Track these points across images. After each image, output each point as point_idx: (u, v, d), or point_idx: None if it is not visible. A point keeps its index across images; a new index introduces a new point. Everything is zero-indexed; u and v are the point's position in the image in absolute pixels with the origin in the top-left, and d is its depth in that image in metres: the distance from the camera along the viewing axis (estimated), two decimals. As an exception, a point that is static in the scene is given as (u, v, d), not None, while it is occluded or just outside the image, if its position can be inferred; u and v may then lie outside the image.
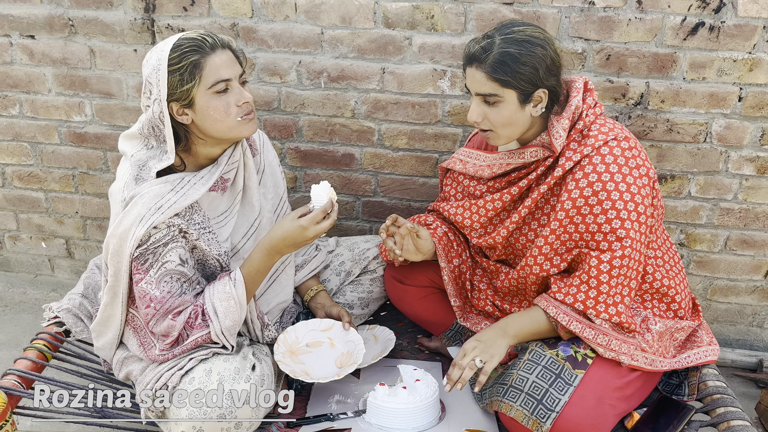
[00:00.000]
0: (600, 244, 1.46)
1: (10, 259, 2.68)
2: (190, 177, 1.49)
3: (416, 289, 1.85)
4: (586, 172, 1.46)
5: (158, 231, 1.41)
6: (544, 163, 1.55)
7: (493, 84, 1.43)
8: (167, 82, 1.38)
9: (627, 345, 1.50)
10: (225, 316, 1.45)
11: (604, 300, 1.47)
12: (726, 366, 2.27)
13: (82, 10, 2.13)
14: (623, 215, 1.44)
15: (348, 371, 1.61)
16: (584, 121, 1.50)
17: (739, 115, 1.98)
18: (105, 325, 1.56)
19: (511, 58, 1.40)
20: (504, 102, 1.45)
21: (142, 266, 1.41)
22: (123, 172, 1.48)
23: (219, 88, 1.40)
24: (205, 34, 1.43)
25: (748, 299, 2.27)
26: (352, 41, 2.05)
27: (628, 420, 1.55)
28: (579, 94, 1.50)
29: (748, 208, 2.12)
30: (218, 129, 1.44)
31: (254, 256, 1.49)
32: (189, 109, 1.42)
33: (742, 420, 1.48)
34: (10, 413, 1.43)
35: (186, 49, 1.38)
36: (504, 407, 1.46)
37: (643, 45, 1.93)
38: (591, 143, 1.47)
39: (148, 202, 1.41)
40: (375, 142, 2.21)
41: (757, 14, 1.84)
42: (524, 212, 1.59)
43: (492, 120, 1.48)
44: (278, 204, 1.79)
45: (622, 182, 1.44)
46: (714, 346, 1.66)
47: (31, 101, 2.32)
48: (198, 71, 1.38)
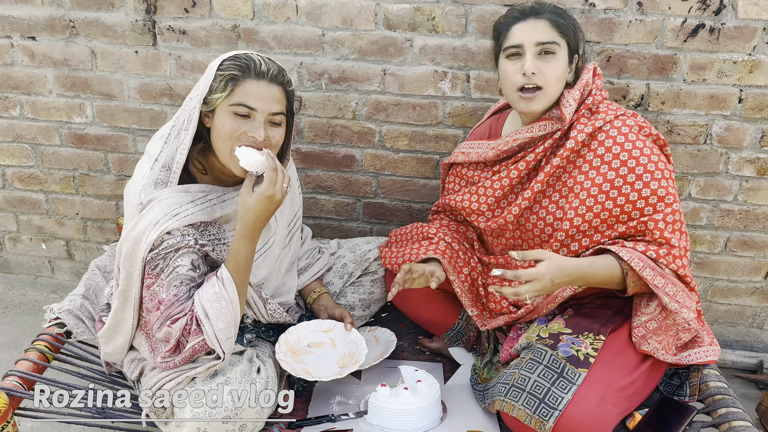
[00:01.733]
0: (644, 210, 1.49)
1: (10, 261, 2.68)
2: (213, 196, 1.49)
3: (418, 290, 1.85)
4: (607, 145, 1.51)
5: (171, 237, 1.40)
6: (552, 137, 1.57)
7: (554, 32, 1.52)
8: (210, 83, 1.41)
9: (690, 300, 1.51)
10: (217, 319, 1.39)
11: (672, 252, 1.47)
12: (726, 367, 2.28)
13: (83, 11, 2.13)
14: (657, 175, 1.48)
15: (351, 370, 1.60)
16: (593, 98, 1.57)
17: (739, 117, 1.99)
18: (115, 330, 1.53)
19: (564, 12, 1.56)
20: (560, 53, 1.53)
21: (152, 270, 1.40)
22: (141, 174, 1.48)
23: (240, 110, 1.40)
24: (268, 62, 1.44)
25: (749, 300, 2.28)
26: (353, 43, 2.06)
27: (630, 420, 1.55)
28: (590, 73, 1.59)
29: (749, 210, 2.12)
30: (218, 148, 1.44)
31: (236, 248, 1.43)
32: (211, 114, 1.44)
33: (744, 421, 1.48)
34: (12, 414, 1.43)
35: (237, 62, 1.41)
36: (506, 407, 1.46)
37: (643, 47, 1.94)
38: (602, 117, 1.54)
39: (165, 208, 1.40)
40: (376, 143, 2.21)
41: (757, 16, 1.85)
42: (537, 187, 1.59)
43: (547, 74, 1.52)
44: (292, 219, 1.79)
45: (645, 147, 1.49)
46: (715, 346, 1.66)
47: (31, 102, 2.32)
48: (231, 85, 1.40)
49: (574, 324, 1.57)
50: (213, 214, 1.48)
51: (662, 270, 1.47)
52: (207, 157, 1.51)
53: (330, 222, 2.38)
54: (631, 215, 1.50)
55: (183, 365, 1.45)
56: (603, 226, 1.53)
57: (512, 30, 1.55)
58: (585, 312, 1.61)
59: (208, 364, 1.43)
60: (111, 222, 2.50)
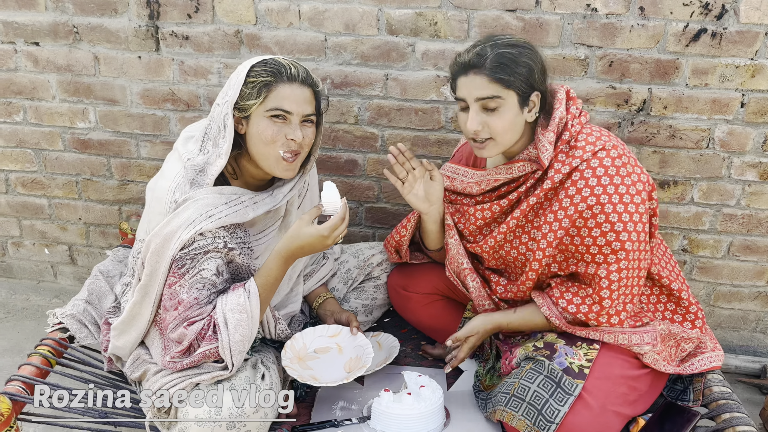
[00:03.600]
0: (595, 258, 1.47)
1: (13, 266, 2.68)
2: (246, 198, 1.51)
3: (420, 296, 1.85)
4: (579, 187, 1.45)
5: (203, 238, 1.42)
6: (533, 176, 1.55)
7: (496, 86, 1.42)
8: (240, 89, 1.43)
9: (638, 335, 1.52)
10: (235, 330, 1.41)
11: (606, 312, 1.50)
12: (730, 372, 2.27)
13: (86, 17, 2.14)
14: (618, 227, 1.42)
15: (358, 374, 1.60)
16: (570, 132, 1.49)
17: (742, 121, 1.99)
18: (130, 324, 1.53)
19: (509, 59, 1.42)
20: (505, 105, 1.44)
21: (179, 270, 1.41)
22: (174, 173, 1.49)
23: (276, 113, 1.43)
24: (296, 65, 1.47)
25: (752, 305, 2.27)
26: (355, 48, 2.06)
27: (634, 425, 1.54)
28: (561, 105, 1.50)
29: (751, 214, 2.12)
30: (259, 152, 1.47)
31: (270, 266, 1.47)
32: (246, 121, 1.46)
33: (748, 426, 1.48)
34: (15, 419, 1.43)
35: (267, 68, 1.44)
36: (506, 417, 1.45)
37: (645, 51, 1.94)
38: (579, 155, 1.46)
39: (201, 209, 1.42)
40: (378, 148, 2.21)
41: (759, 21, 1.85)
42: (512, 223, 1.59)
43: (493, 127, 1.45)
44: None
45: (615, 193, 1.42)
46: (718, 351, 1.66)
47: (35, 108, 2.32)
48: (265, 92, 1.42)
49: (568, 335, 1.57)
50: (245, 217, 1.49)
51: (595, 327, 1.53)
52: (239, 161, 1.53)
53: (332, 227, 2.38)
54: (584, 257, 1.49)
55: (189, 369, 1.45)
56: (564, 263, 1.55)
57: (458, 83, 1.48)
58: None
59: (215, 373, 1.43)
60: (114, 227, 2.50)
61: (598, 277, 1.47)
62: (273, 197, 1.57)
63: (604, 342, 1.53)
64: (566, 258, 1.54)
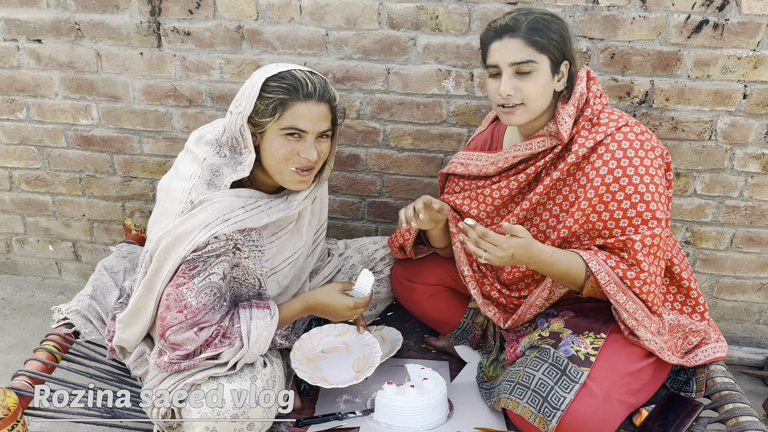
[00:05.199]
0: (626, 230, 1.48)
1: (18, 263, 2.69)
2: (262, 203, 1.51)
3: (424, 287, 1.85)
4: (605, 159, 1.48)
5: (217, 241, 1.42)
6: (552, 152, 1.56)
7: (531, 50, 1.45)
8: (254, 103, 1.41)
9: (650, 320, 1.52)
10: (254, 344, 1.45)
11: (645, 280, 1.48)
12: (733, 364, 2.27)
13: (88, 14, 2.14)
14: (647, 198, 1.46)
15: (367, 374, 1.62)
16: (592, 109, 1.53)
17: (744, 113, 1.99)
18: (135, 317, 1.53)
19: (543, 24, 1.47)
20: (538, 70, 1.47)
21: (189, 271, 1.40)
22: (190, 173, 1.49)
23: (290, 132, 1.43)
24: (314, 79, 1.43)
25: (755, 297, 2.27)
26: (356, 42, 2.06)
27: (637, 417, 1.55)
28: (582, 82, 1.54)
29: (754, 206, 2.12)
30: (272, 167, 1.47)
31: (294, 305, 1.59)
32: (260, 135, 1.45)
33: (751, 416, 1.48)
34: (21, 414, 1.44)
35: (283, 84, 1.41)
36: (511, 404, 1.46)
37: (647, 43, 1.94)
38: (603, 130, 1.51)
39: (217, 212, 1.42)
40: (380, 142, 2.22)
41: (761, 11, 1.85)
42: (535, 199, 1.59)
43: (526, 92, 1.47)
44: (318, 228, 1.80)
45: (641, 165, 1.47)
46: (722, 342, 1.66)
47: (38, 105, 2.33)
48: (280, 110, 1.41)
49: (574, 325, 1.58)
50: (260, 222, 1.49)
51: (625, 287, 1.49)
52: (253, 168, 1.50)
53: (335, 221, 2.39)
54: (613, 232, 1.50)
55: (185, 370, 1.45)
56: (585, 237, 1.54)
57: (490, 49, 1.51)
58: (584, 313, 1.62)
59: (213, 370, 1.43)
60: (117, 223, 2.51)
61: (631, 242, 1.46)
62: (288, 204, 1.56)
63: (611, 331, 1.53)
64: (591, 237, 1.53)
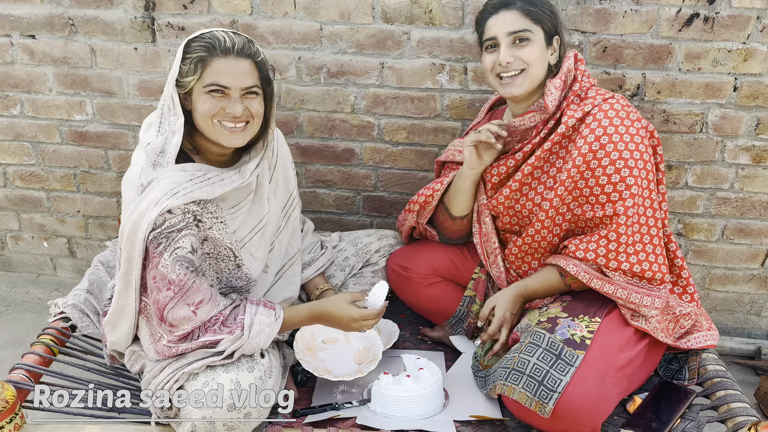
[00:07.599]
0: (610, 196, 1.54)
1: (12, 259, 2.69)
2: (212, 174, 1.50)
3: (419, 277, 1.87)
4: (592, 127, 1.55)
5: (173, 216, 1.41)
6: (546, 127, 1.62)
7: (526, 20, 1.56)
8: (179, 66, 1.43)
9: (650, 297, 1.56)
10: (254, 337, 1.45)
11: (624, 250, 1.55)
12: (725, 354, 2.29)
13: (82, 9, 2.14)
14: (630, 163, 1.53)
15: (370, 368, 1.64)
16: (581, 84, 1.61)
17: (735, 105, 2.01)
18: (119, 316, 1.53)
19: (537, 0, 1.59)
20: (534, 40, 1.56)
21: (156, 249, 1.40)
22: (138, 159, 1.49)
23: (213, 89, 1.43)
24: (232, 36, 1.43)
25: (746, 288, 2.30)
26: (351, 36, 2.07)
27: (630, 404, 1.57)
28: (570, 60, 1.62)
29: (745, 197, 2.14)
30: (204, 127, 1.47)
31: (299, 312, 1.57)
32: (189, 97, 1.46)
33: (743, 402, 1.50)
34: (19, 406, 1.45)
35: (202, 43, 1.42)
36: (507, 390, 1.48)
37: (639, 37, 1.96)
38: (590, 102, 1.58)
39: (165, 187, 1.41)
40: (375, 136, 2.23)
41: (750, 5, 1.87)
42: (527, 170, 1.66)
43: (525, 57, 1.56)
44: (287, 200, 1.80)
45: (626, 133, 1.53)
46: (713, 331, 1.68)
47: (32, 101, 2.33)
48: (201, 67, 1.41)
49: (571, 309, 1.60)
50: (212, 193, 1.48)
51: (611, 278, 1.56)
52: (194, 138, 1.53)
53: (330, 216, 2.40)
54: (599, 200, 1.56)
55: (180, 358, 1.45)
56: (574, 204, 1.61)
57: (487, 24, 1.60)
58: (581, 297, 1.64)
59: (210, 359, 1.43)
60: (112, 219, 2.52)
61: (609, 217, 1.55)
62: (241, 174, 1.55)
63: (607, 313, 1.57)
64: (580, 204, 1.60)
